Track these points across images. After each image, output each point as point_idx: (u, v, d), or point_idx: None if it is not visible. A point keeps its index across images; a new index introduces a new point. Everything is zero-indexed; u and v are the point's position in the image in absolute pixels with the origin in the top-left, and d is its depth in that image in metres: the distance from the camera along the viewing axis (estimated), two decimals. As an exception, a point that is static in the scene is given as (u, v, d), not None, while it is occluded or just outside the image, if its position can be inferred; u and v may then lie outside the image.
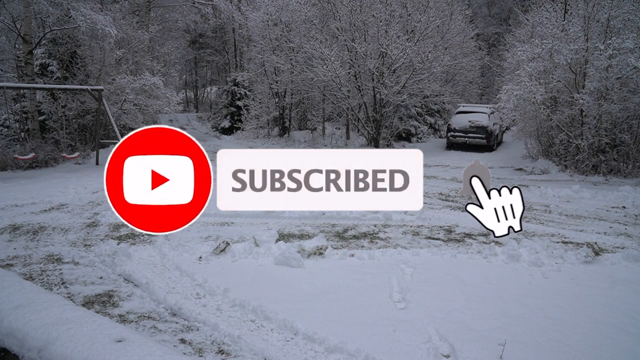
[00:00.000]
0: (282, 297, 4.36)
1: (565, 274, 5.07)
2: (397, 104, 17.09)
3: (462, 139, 16.72)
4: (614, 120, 11.44)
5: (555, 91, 12.25)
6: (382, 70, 16.23)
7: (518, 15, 22.80)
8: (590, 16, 11.50)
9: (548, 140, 12.73)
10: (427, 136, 20.67)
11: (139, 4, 20.15)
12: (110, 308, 4.30)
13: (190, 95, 48.26)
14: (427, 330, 3.81)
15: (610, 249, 5.94)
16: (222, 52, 36.33)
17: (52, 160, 13.24)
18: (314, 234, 6.47)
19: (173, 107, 15.68)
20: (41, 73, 14.84)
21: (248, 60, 25.35)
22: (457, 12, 22.99)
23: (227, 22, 28.47)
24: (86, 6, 13.73)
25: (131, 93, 14.61)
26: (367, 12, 16.30)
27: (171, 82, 27.08)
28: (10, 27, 14.17)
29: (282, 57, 18.35)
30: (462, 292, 4.55)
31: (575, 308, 4.23)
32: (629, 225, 7.16)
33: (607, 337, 3.72)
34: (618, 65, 10.75)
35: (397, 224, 7.03)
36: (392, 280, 4.78)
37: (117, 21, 15.04)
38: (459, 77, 23.39)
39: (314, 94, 19.52)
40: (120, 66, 15.81)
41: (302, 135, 19.82)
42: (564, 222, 7.31)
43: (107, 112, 13.20)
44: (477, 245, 6.01)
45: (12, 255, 5.73)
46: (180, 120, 31.93)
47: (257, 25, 19.53)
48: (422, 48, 16.15)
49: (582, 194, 9.23)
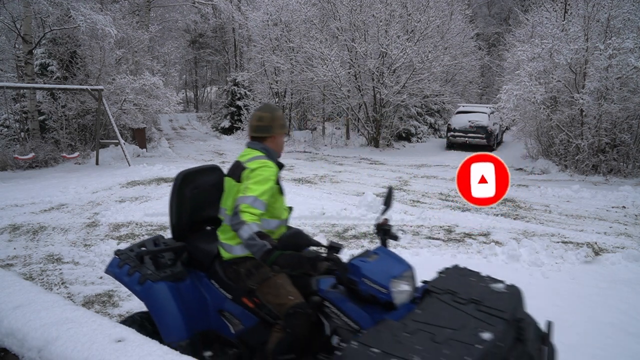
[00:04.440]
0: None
1: (565, 273, 5.07)
2: (397, 104, 17.09)
3: (462, 139, 16.72)
4: (614, 120, 11.44)
5: (555, 91, 12.25)
6: (382, 70, 16.24)
7: (518, 15, 22.82)
8: (590, 16, 11.50)
9: (548, 140, 12.73)
10: (427, 136, 20.67)
11: (139, 4, 20.14)
12: (110, 308, 4.30)
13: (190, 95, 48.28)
14: (427, 330, 3.80)
15: (610, 249, 5.94)
16: (222, 52, 36.35)
17: (52, 160, 13.24)
18: (314, 233, 6.47)
19: (173, 107, 15.69)
20: (41, 73, 14.83)
21: (248, 60, 25.36)
22: (457, 12, 23.00)
23: (227, 22, 28.48)
24: (86, 6, 13.73)
25: (131, 93, 14.61)
26: (367, 12, 16.30)
27: (171, 82, 27.11)
28: (10, 27, 14.17)
29: (282, 57, 18.35)
30: (462, 292, 4.55)
31: (575, 308, 4.22)
32: (629, 225, 7.16)
33: (607, 337, 3.72)
34: (618, 65, 10.75)
35: (397, 224, 7.02)
36: (392, 280, 4.78)
37: (117, 21, 15.04)
38: (459, 77, 23.40)
39: (314, 94, 19.53)
40: (120, 66, 15.81)
41: (302, 135, 19.82)
42: (564, 222, 7.31)
43: (107, 112, 13.20)
44: (477, 245, 6.00)
45: (12, 255, 5.73)
46: (180, 120, 31.94)
47: (257, 25, 19.53)
48: (422, 48, 16.15)
49: (582, 194, 9.23)
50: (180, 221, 2.81)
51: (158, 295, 2.54)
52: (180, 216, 2.80)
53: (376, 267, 2.23)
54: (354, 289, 2.23)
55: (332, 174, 11.87)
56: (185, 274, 2.67)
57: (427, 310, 2.06)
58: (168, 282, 2.58)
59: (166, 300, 2.53)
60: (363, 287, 2.19)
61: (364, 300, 2.21)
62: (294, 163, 13.97)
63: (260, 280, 2.41)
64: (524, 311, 2.26)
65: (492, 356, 1.78)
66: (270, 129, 2.60)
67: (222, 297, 2.61)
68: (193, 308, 2.59)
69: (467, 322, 1.96)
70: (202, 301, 2.64)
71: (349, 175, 11.79)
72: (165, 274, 2.61)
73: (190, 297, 2.60)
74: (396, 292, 2.16)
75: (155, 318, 2.58)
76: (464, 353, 1.74)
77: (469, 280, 2.35)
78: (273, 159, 2.58)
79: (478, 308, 2.06)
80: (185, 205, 2.80)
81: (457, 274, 2.43)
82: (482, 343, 1.80)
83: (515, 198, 9.03)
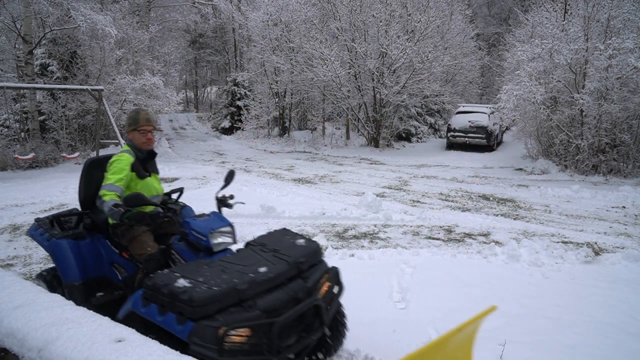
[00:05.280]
0: (282, 297, 4.36)
1: (565, 273, 5.06)
2: (397, 104, 17.10)
3: (462, 139, 16.72)
4: (614, 120, 11.43)
5: (555, 91, 12.25)
6: (382, 70, 16.24)
7: (518, 15, 22.82)
8: (590, 16, 11.50)
9: (548, 140, 12.73)
10: (427, 136, 20.67)
11: (139, 4, 20.15)
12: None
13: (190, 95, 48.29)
14: (427, 330, 3.81)
15: (610, 249, 5.94)
16: (222, 52, 36.36)
17: (52, 160, 13.25)
18: (314, 234, 6.47)
19: (173, 107, 15.70)
20: (41, 73, 14.84)
21: (248, 60, 25.36)
22: (457, 12, 23.01)
23: (227, 22, 28.49)
24: (86, 6, 13.74)
25: (131, 93, 14.61)
26: (367, 12, 16.31)
27: (171, 82, 27.10)
28: (10, 27, 14.18)
29: (282, 57, 18.36)
30: (462, 292, 4.54)
31: (575, 308, 4.22)
32: (629, 225, 7.16)
33: (607, 337, 3.72)
34: (618, 65, 10.75)
35: (397, 224, 7.03)
36: (392, 280, 4.78)
37: (117, 21, 15.04)
38: (459, 77, 23.40)
39: (314, 94, 19.53)
40: (120, 66, 15.81)
41: (302, 135, 19.83)
42: (564, 222, 7.31)
43: (107, 112, 13.20)
44: (477, 245, 6.00)
45: (12, 256, 5.73)
46: (180, 121, 31.94)
47: (257, 25, 19.54)
48: (422, 48, 16.16)
49: (582, 194, 9.23)
50: (86, 196, 3.60)
51: (60, 248, 3.34)
52: (87, 192, 3.59)
53: (202, 223, 3.00)
54: (187, 240, 2.99)
55: (332, 174, 11.87)
56: (85, 234, 3.46)
57: (237, 255, 2.83)
58: (69, 239, 3.37)
59: (66, 252, 3.32)
60: (192, 237, 2.96)
61: (195, 248, 2.98)
62: (294, 163, 13.97)
63: (130, 238, 3.21)
64: (320, 259, 3.00)
65: (261, 283, 2.51)
66: (127, 126, 3.41)
67: (113, 252, 3.43)
68: (89, 259, 3.38)
69: (257, 262, 2.70)
70: (98, 255, 3.44)
71: (349, 175, 11.80)
72: (68, 234, 3.41)
73: (88, 251, 3.40)
74: (213, 241, 2.93)
75: (57, 265, 3.39)
76: (236, 277, 2.49)
77: (283, 238, 3.09)
78: (133, 151, 3.35)
79: (274, 254, 2.81)
80: (91, 184, 3.54)
81: (279, 234, 3.19)
82: (255, 273, 2.55)
83: (515, 198, 9.03)
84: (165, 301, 2.36)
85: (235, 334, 2.30)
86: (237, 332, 2.31)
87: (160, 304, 2.39)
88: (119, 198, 3.08)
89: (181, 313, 2.31)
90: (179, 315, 2.31)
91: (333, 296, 2.95)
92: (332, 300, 2.93)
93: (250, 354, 2.35)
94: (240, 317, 2.33)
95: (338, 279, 3.04)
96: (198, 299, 2.28)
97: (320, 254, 3.02)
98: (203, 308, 2.29)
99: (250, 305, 2.41)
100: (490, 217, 7.54)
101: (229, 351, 2.28)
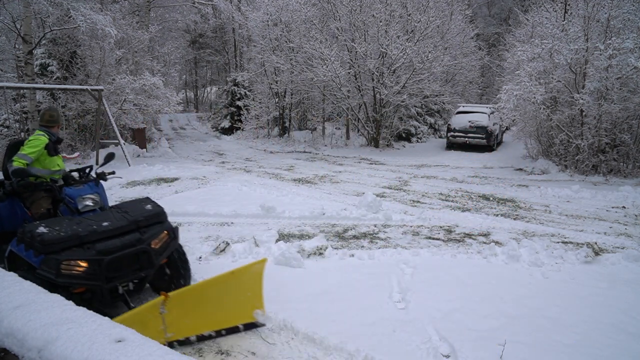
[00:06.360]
0: (281, 297, 4.36)
1: (565, 274, 5.06)
2: (397, 104, 17.10)
3: (462, 139, 16.72)
4: (614, 120, 11.44)
5: (555, 91, 12.25)
6: (382, 70, 16.24)
7: (518, 15, 22.83)
8: (590, 16, 11.50)
9: (548, 140, 12.73)
10: (427, 136, 20.67)
11: (139, 4, 20.14)
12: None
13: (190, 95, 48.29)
14: (427, 330, 3.81)
15: (610, 249, 5.94)
16: (222, 52, 36.36)
17: (52, 160, 13.22)
18: (314, 234, 6.47)
19: (173, 107, 15.68)
20: (41, 73, 14.84)
21: (248, 60, 25.36)
22: (457, 12, 23.02)
23: (227, 22, 28.50)
24: (86, 6, 13.73)
25: (131, 93, 14.61)
26: (367, 12, 16.31)
27: (171, 82, 27.11)
28: (10, 27, 14.17)
29: (282, 57, 18.36)
30: (462, 292, 4.55)
31: (575, 308, 4.23)
32: (629, 225, 7.16)
33: (607, 337, 3.72)
34: (618, 65, 10.75)
35: (397, 224, 7.03)
36: (392, 280, 4.78)
37: (117, 21, 15.04)
38: (459, 77, 23.41)
39: (314, 94, 19.53)
40: (120, 66, 15.81)
41: (302, 135, 19.82)
42: (564, 222, 7.31)
43: (107, 112, 13.20)
44: (477, 245, 6.00)
45: None
46: (180, 121, 31.94)
47: (257, 25, 19.53)
48: (422, 48, 16.15)
49: (582, 194, 9.23)
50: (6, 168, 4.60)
51: None
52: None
53: (75, 190, 4.12)
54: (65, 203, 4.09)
55: (332, 174, 11.87)
56: (4, 198, 4.39)
57: (96, 215, 3.87)
58: None
59: None
60: (66, 200, 4.06)
61: (70, 210, 4.05)
62: (293, 163, 13.97)
63: (32, 201, 4.35)
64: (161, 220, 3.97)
65: (101, 233, 3.52)
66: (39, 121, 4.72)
67: (24, 212, 4.40)
68: (6, 217, 4.41)
69: (106, 219, 3.70)
70: (14, 214, 4.42)
71: (349, 175, 11.80)
72: None
73: (6, 210, 4.41)
74: (80, 204, 4.05)
75: None
76: (83, 227, 3.51)
77: (139, 204, 4.09)
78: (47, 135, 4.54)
79: (123, 215, 3.80)
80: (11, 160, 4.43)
81: (137, 202, 4.21)
82: (98, 226, 3.57)
83: (515, 198, 9.03)
84: (28, 241, 3.39)
85: (73, 265, 3.32)
86: (75, 263, 3.33)
87: (26, 243, 3.41)
88: (25, 165, 4.28)
89: (37, 249, 3.32)
90: (35, 251, 3.33)
91: (167, 247, 3.91)
92: (166, 249, 3.90)
93: (87, 279, 3.37)
94: (77, 254, 3.35)
95: (175, 235, 4.05)
96: (47, 239, 3.32)
97: (162, 217, 3.98)
98: (50, 246, 3.31)
99: (89, 247, 3.42)
100: (490, 217, 7.54)
101: (66, 275, 3.29)
